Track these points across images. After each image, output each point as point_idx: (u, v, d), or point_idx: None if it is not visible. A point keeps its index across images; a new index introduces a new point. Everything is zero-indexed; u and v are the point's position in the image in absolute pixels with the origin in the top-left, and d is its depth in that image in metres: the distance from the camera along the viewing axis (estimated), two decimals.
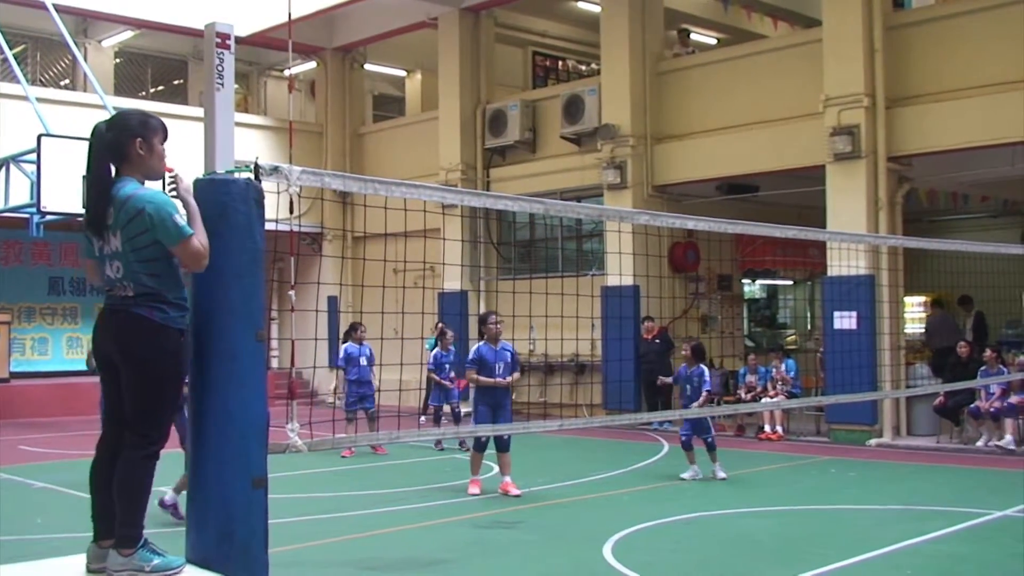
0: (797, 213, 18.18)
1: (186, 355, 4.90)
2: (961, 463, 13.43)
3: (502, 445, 10.96)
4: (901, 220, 15.80)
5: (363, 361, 14.62)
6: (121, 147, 4.99)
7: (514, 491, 10.81)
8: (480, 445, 11.10)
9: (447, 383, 14.75)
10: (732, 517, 9.82)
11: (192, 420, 4.98)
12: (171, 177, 5.06)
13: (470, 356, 11.45)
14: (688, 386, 12.32)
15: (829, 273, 16.06)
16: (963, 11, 15.35)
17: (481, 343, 11.21)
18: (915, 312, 20.50)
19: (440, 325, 16.19)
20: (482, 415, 10.88)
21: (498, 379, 10.84)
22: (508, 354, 11.03)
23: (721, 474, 11.96)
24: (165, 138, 5.13)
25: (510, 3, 21.26)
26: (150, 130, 5.05)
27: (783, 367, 16.45)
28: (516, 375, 11.18)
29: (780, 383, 16.28)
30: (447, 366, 14.72)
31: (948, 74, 15.05)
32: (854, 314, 15.38)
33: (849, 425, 15.46)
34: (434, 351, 14.98)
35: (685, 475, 11.95)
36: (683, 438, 12.12)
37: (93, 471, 5.12)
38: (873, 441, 15.14)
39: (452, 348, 14.98)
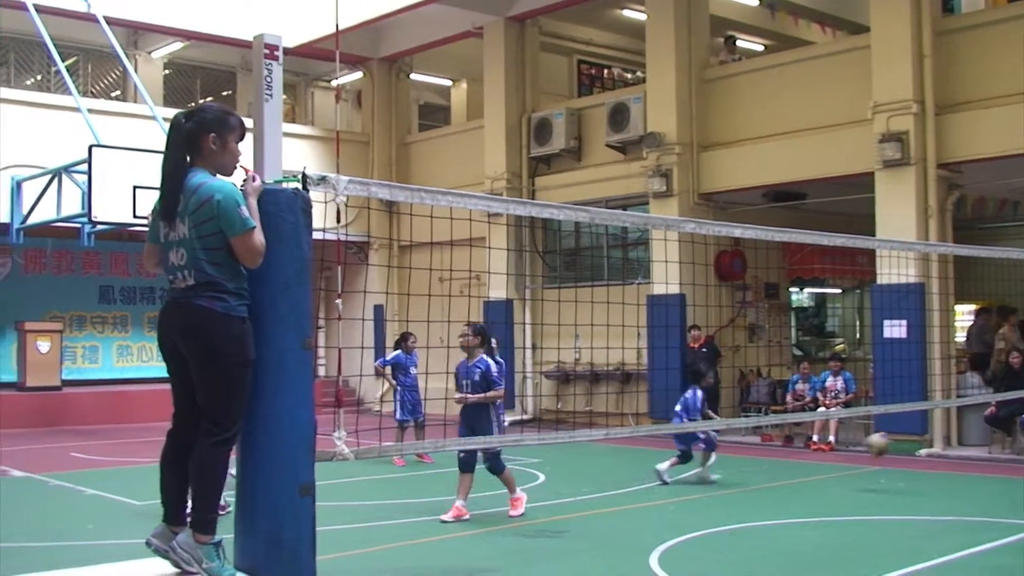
0: (846, 221, 18.00)
1: (250, 341, 4.96)
2: (1013, 474, 13.22)
3: (461, 464, 9.99)
4: (951, 227, 15.63)
5: (412, 370, 14.59)
6: (196, 139, 5.11)
7: (447, 516, 9.85)
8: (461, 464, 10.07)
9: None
10: (780, 528, 9.74)
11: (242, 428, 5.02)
12: (245, 176, 5.14)
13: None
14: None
15: (878, 281, 15.91)
16: (1013, 16, 15.17)
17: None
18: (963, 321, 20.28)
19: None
20: (460, 431, 10.15)
21: (466, 395, 10.05)
22: (477, 371, 10.09)
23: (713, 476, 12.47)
24: (242, 137, 5.24)
25: (555, 11, 21.27)
26: (226, 127, 5.17)
27: (839, 380, 16.18)
28: (490, 393, 10.04)
29: (832, 394, 16.08)
30: None
31: (998, 79, 14.87)
32: (904, 323, 15.22)
33: (899, 435, 15.27)
34: (396, 355, 14.76)
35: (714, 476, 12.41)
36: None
37: (163, 459, 5.23)
38: (923, 451, 14.96)
39: (499, 358, 14.78)
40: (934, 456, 14.78)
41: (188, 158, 5.14)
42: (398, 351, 14.71)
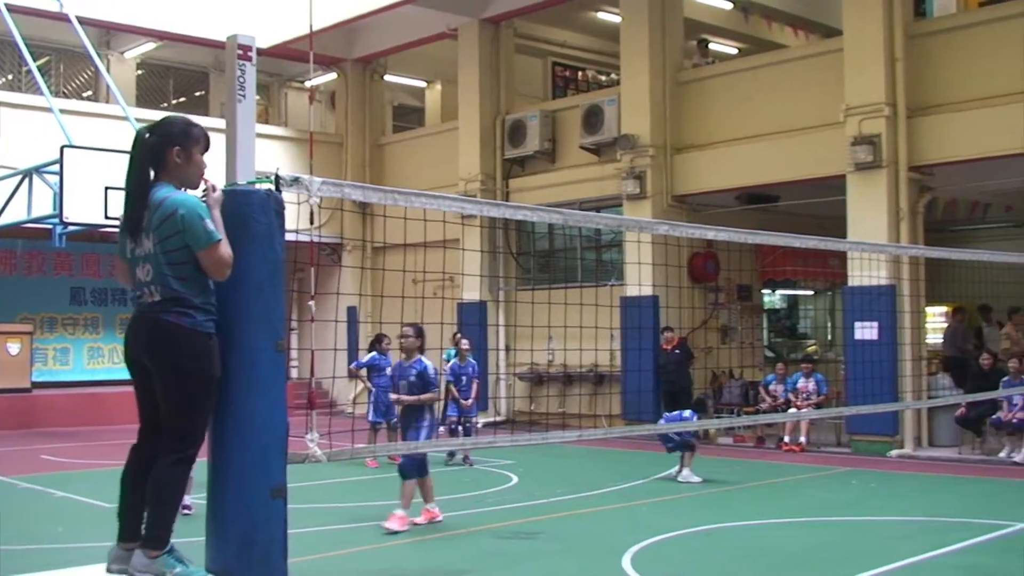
0: (818, 223, 18.12)
1: (216, 358, 4.93)
2: (983, 474, 13.34)
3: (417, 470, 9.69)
4: (922, 230, 15.73)
5: (388, 372, 14.58)
6: (160, 153, 5.07)
7: (421, 520, 9.70)
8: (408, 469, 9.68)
9: (465, 402, 14.41)
10: (753, 528, 9.78)
11: (212, 429, 5.00)
12: (204, 187, 5.11)
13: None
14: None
15: (850, 283, 16.00)
16: (985, 20, 15.29)
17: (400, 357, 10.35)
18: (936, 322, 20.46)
19: (457, 335, 16.17)
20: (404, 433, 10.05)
21: (401, 396, 10.01)
22: (413, 372, 9.97)
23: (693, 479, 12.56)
24: (206, 149, 5.20)
25: (530, 13, 21.28)
26: (190, 139, 5.13)
27: (811, 382, 16.30)
28: (425, 396, 9.86)
29: (803, 395, 16.18)
30: (464, 378, 14.46)
31: (970, 83, 14.98)
32: (875, 324, 15.31)
33: (870, 436, 15.38)
34: (451, 362, 14.78)
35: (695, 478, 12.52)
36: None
37: (125, 473, 5.18)
38: (894, 452, 15.06)
39: (471, 360, 14.76)
40: (905, 457, 14.88)
41: (152, 172, 5.10)
42: (373, 353, 14.71)
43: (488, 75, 21.32)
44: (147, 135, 5.10)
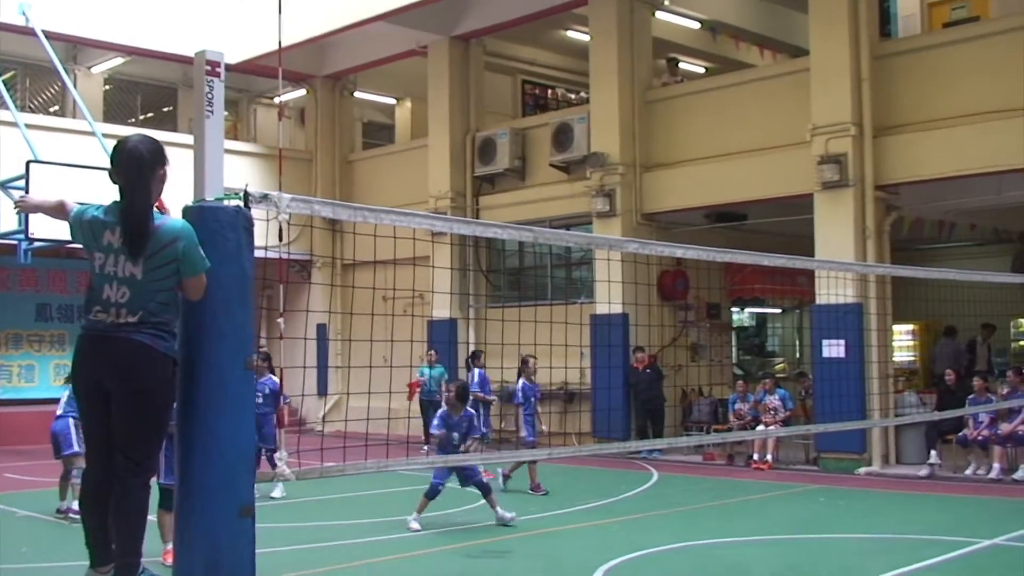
0: (786, 241, 18.23)
1: (177, 383, 4.90)
2: (950, 491, 13.41)
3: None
4: (889, 248, 15.84)
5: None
6: (155, 170, 5.07)
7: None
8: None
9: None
10: (722, 547, 9.78)
11: (179, 448, 4.95)
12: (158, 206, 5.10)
13: None
14: (456, 434, 10.99)
15: (817, 301, 16.07)
16: (950, 40, 15.45)
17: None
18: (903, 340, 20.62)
19: (431, 353, 16.15)
20: None
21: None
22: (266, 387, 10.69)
23: (508, 515, 10.71)
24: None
25: (500, 31, 21.33)
26: (166, 158, 5.17)
27: (775, 397, 16.35)
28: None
29: (771, 412, 16.22)
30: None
31: (935, 103, 15.12)
32: (842, 342, 15.39)
33: (838, 454, 15.43)
34: (521, 383, 14.43)
35: (414, 524, 10.49)
36: (435, 483, 10.64)
37: (85, 500, 5.11)
38: (862, 470, 15.11)
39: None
40: (873, 474, 14.94)
41: None
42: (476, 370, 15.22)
43: (458, 92, 21.33)
44: (144, 152, 5.07)
